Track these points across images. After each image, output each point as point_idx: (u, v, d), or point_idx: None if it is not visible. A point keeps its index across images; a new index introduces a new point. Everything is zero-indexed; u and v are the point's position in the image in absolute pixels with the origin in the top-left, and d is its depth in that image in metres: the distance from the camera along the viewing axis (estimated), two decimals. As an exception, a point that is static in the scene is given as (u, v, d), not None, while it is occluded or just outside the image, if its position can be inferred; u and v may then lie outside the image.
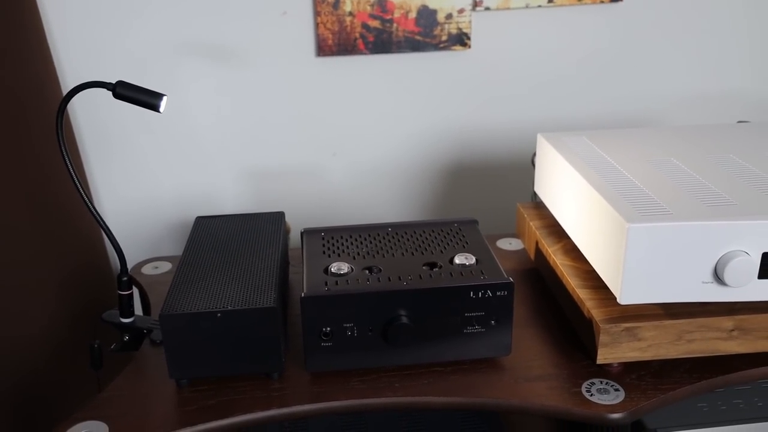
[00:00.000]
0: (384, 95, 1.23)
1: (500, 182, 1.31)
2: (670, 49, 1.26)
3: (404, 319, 0.77)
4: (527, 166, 1.29)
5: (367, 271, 0.81)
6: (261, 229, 0.95)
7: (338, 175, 1.28)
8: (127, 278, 0.88)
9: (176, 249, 1.25)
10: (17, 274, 0.97)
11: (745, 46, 1.27)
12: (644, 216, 0.73)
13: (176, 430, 0.72)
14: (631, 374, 0.79)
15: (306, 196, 1.28)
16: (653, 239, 0.72)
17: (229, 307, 0.76)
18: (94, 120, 1.17)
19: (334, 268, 0.82)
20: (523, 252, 1.08)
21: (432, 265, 0.82)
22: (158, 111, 0.81)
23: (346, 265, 0.82)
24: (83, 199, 0.83)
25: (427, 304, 0.78)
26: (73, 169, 0.82)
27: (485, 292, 0.78)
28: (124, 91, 0.80)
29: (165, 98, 0.81)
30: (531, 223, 1.00)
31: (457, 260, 0.83)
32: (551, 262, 0.91)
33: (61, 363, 1.04)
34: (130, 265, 1.05)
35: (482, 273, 0.80)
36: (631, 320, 0.76)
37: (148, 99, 0.80)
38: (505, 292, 0.78)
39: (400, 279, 0.79)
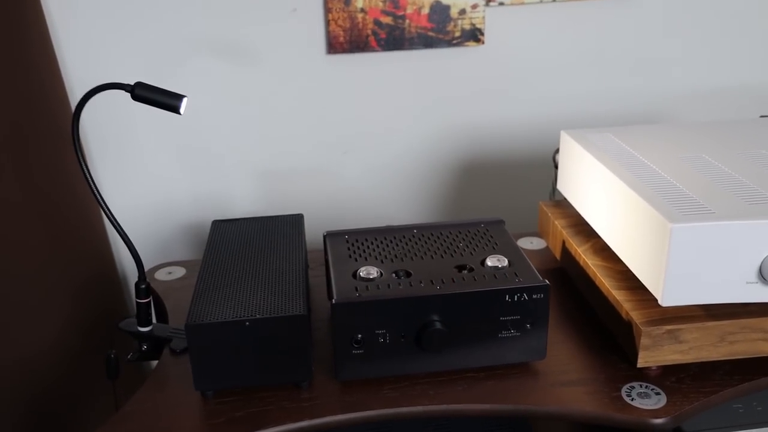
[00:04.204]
0: (396, 92, 1.20)
1: (516, 180, 1.28)
2: (683, 44, 1.24)
3: (438, 325, 0.75)
4: (544, 163, 1.27)
5: (396, 275, 0.79)
6: (281, 232, 0.92)
7: (350, 174, 1.25)
8: (146, 286, 0.85)
9: (188, 253, 1.22)
10: (25, 286, 0.94)
11: (759, 39, 1.26)
12: (687, 216, 0.70)
13: (206, 445, 0.69)
14: (670, 377, 0.77)
15: (317, 195, 1.25)
16: (697, 239, 0.70)
17: (258, 316, 0.73)
18: (99, 122, 1.14)
19: (363, 272, 0.79)
20: (546, 251, 1.06)
21: (463, 268, 0.80)
22: (178, 113, 0.78)
23: (375, 269, 0.79)
24: (101, 205, 0.80)
25: (461, 308, 0.75)
26: (89, 174, 0.79)
27: (521, 295, 0.75)
28: (144, 93, 0.77)
29: (185, 99, 0.78)
30: (556, 222, 0.98)
31: (489, 262, 0.80)
32: (581, 263, 0.89)
33: (74, 376, 1.01)
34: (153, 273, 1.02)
35: (516, 275, 0.78)
36: (673, 322, 0.74)
37: (168, 100, 0.77)
38: (542, 295, 0.76)
39: (432, 283, 0.77)
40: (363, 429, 0.94)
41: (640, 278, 0.76)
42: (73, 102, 1.11)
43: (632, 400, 0.74)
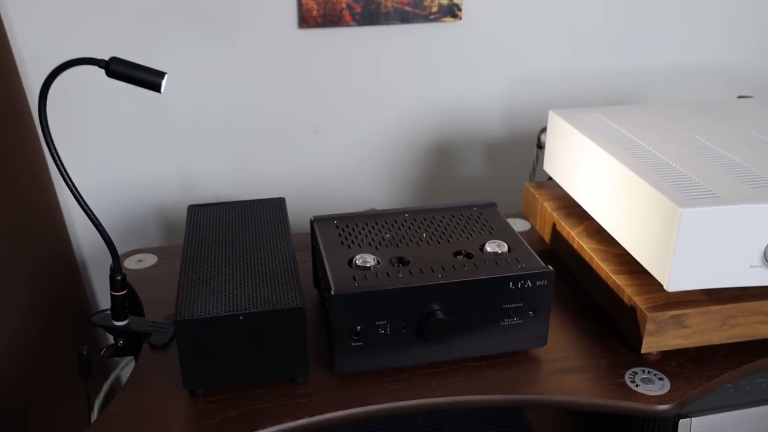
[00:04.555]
0: (371, 69, 1.16)
1: (494, 159, 1.26)
2: (658, 23, 1.23)
3: (440, 314, 0.72)
4: (522, 143, 1.25)
5: (394, 263, 0.75)
6: (263, 218, 0.88)
7: (322, 154, 1.20)
8: (122, 277, 0.79)
9: (158, 239, 1.16)
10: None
11: (732, 19, 1.26)
12: (695, 200, 0.69)
13: (202, 449, 0.65)
14: (671, 362, 0.76)
15: (288, 176, 1.20)
16: (705, 224, 0.69)
17: (252, 309, 0.68)
18: (54, 97, 1.05)
19: (359, 260, 0.75)
20: (532, 233, 1.04)
21: (462, 254, 0.77)
22: (159, 91, 0.72)
23: (371, 257, 0.76)
24: (73, 191, 0.74)
25: (463, 297, 0.72)
26: (57, 155, 0.72)
27: (525, 282, 0.73)
28: (120, 69, 0.70)
29: (166, 76, 0.72)
30: (545, 204, 0.96)
31: (489, 248, 0.78)
32: (575, 246, 0.87)
33: (38, 370, 0.94)
34: (103, 261, 0.96)
35: (518, 261, 0.75)
36: (677, 307, 0.73)
37: (147, 77, 0.71)
38: (545, 282, 0.74)
39: (433, 271, 0.73)
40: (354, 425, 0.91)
41: (642, 263, 0.75)
42: (24, 76, 1.02)
43: (636, 386, 0.73)
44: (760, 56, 1.30)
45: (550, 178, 1.06)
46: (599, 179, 0.83)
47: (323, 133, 1.19)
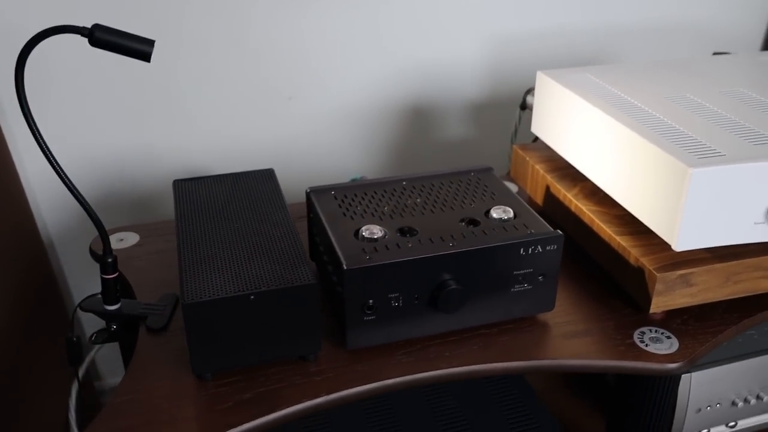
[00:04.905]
0: (344, 30, 1.12)
1: (472, 122, 1.25)
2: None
3: (453, 283, 0.70)
4: (499, 103, 1.24)
5: (402, 234, 0.74)
6: (254, 191, 0.84)
7: (295, 121, 1.16)
8: (113, 259, 0.75)
9: (136, 216, 1.11)
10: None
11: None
12: (702, 159, 0.69)
13: (222, 435, 0.63)
14: (675, 320, 0.77)
15: (262, 145, 1.16)
16: (713, 183, 0.69)
17: (263, 288, 0.66)
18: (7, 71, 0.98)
19: (365, 232, 0.73)
20: (521, 194, 1.03)
21: (468, 222, 0.76)
22: (148, 60, 0.67)
23: (378, 228, 0.74)
24: (56, 169, 0.69)
25: (475, 265, 0.71)
26: (38, 131, 0.67)
27: (535, 247, 0.72)
28: (105, 36, 0.65)
29: (153, 44, 0.67)
30: (537, 167, 0.95)
31: (494, 214, 0.77)
32: (573, 209, 0.87)
33: (15, 361, 0.89)
34: (87, 240, 0.91)
35: (526, 227, 0.75)
36: (684, 266, 0.74)
37: (135, 45, 0.66)
38: (555, 246, 0.73)
39: (443, 240, 0.72)
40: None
41: (647, 224, 0.75)
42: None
43: (646, 346, 0.74)
44: (727, 11, 1.31)
45: (535, 140, 1.06)
46: (597, 140, 0.82)
47: (296, 99, 1.15)
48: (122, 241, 0.93)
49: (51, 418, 1.01)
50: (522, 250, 0.72)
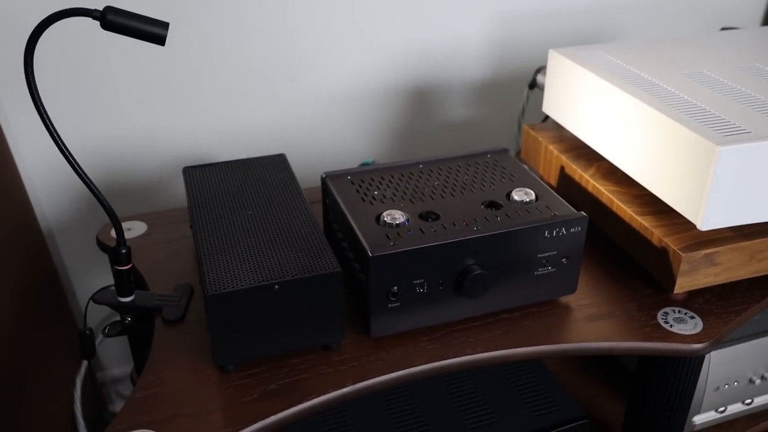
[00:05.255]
0: (345, 9, 1.09)
1: (478, 102, 1.23)
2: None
3: (477, 268, 0.69)
4: (504, 83, 1.22)
5: (424, 218, 0.72)
6: (268, 177, 0.82)
7: (297, 104, 1.14)
8: (127, 250, 0.73)
9: (140, 205, 1.08)
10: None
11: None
12: (729, 137, 0.68)
13: (251, 426, 0.61)
14: (697, 299, 0.77)
15: (262, 128, 1.14)
16: (740, 161, 0.68)
17: (288, 277, 0.64)
18: (9, 55, 0.95)
19: (387, 217, 0.71)
20: (532, 177, 1.02)
21: (490, 205, 0.75)
22: (162, 43, 0.64)
23: (400, 213, 0.72)
24: (68, 158, 0.66)
25: (499, 249, 0.70)
26: (46, 116, 0.65)
27: (560, 230, 0.71)
28: (118, 19, 0.63)
29: (168, 27, 0.64)
30: (550, 147, 0.94)
31: (516, 196, 0.75)
32: (591, 189, 0.86)
33: (12, 355, 0.87)
34: (87, 231, 0.89)
35: (549, 209, 0.74)
36: (709, 245, 0.73)
37: (149, 28, 0.63)
38: (579, 228, 0.72)
39: (467, 225, 0.71)
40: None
41: (670, 203, 0.74)
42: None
43: (671, 327, 0.73)
44: (731, -13, 1.30)
45: (545, 119, 1.04)
46: (615, 119, 0.81)
47: (297, 81, 1.13)
48: (130, 230, 0.90)
49: (56, 409, 1.00)
50: (546, 232, 0.71)
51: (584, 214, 0.72)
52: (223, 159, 1.11)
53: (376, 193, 0.77)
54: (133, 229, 0.91)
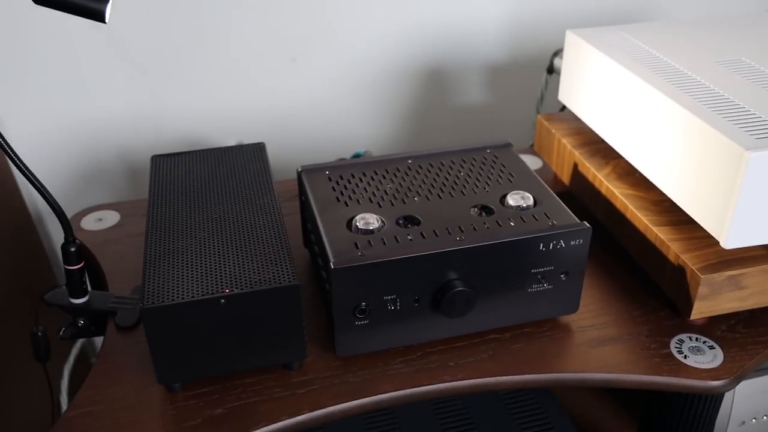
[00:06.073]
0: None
1: (493, 87, 1.12)
2: None
3: (460, 285, 0.60)
4: (524, 66, 1.11)
5: (402, 224, 0.64)
6: (241, 169, 0.74)
7: (298, 86, 1.06)
8: (76, 248, 0.66)
9: (118, 193, 1.02)
10: None
11: None
12: (761, 141, 0.58)
13: (185, 460, 0.54)
14: (720, 325, 0.67)
15: (260, 111, 1.06)
16: (774, 169, 0.57)
17: (236, 290, 0.56)
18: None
19: (359, 222, 0.63)
20: (545, 172, 0.92)
21: (482, 210, 0.65)
22: (102, 20, 0.57)
23: (374, 217, 0.64)
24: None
25: (486, 262, 0.61)
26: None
27: (557, 242, 0.62)
28: (49, -7, 0.55)
29: (110, 2, 0.57)
30: (564, 141, 0.84)
31: (511, 201, 0.66)
32: (604, 191, 0.76)
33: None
34: (84, 212, 0.83)
35: (547, 217, 0.64)
36: (733, 266, 0.62)
37: (86, 3, 0.56)
38: (580, 241, 0.63)
39: (449, 233, 0.62)
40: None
41: (692, 215, 0.64)
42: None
43: (685, 357, 0.63)
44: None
45: (563, 108, 0.94)
46: (634, 113, 0.71)
47: (300, 61, 1.04)
48: (101, 221, 0.84)
49: (39, 399, 0.95)
50: (542, 245, 0.62)
51: (587, 224, 0.62)
52: (218, 144, 1.04)
53: (354, 191, 0.68)
54: (105, 219, 0.84)
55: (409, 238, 0.61)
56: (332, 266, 0.58)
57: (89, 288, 0.70)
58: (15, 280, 0.93)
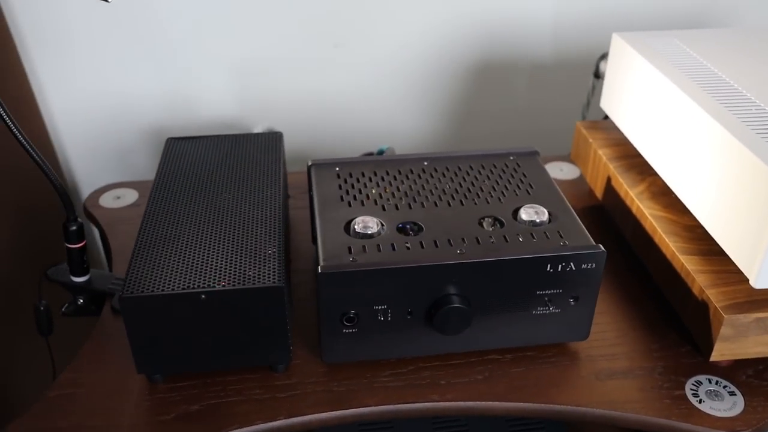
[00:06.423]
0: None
1: (540, 87, 1.07)
2: None
3: (456, 301, 0.57)
4: (576, 67, 1.05)
5: (402, 231, 0.60)
6: (254, 158, 0.72)
7: (340, 72, 1.03)
8: (77, 227, 0.66)
9: (143, 170, 1.02)
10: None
11: None
12: (806, 171, 0.51)
13: (148, 457, 0.53)
14: (746, 369, 0.61)
15: (299, 97, 1.04)
16: (817, 205, 0.51)
17: (217, 287, 0.54)
18: (35, 8, 0.90)
19: (358, 225, 0.60)
20: (580, 182, 0.87)
21: (491, 222, 0.61)
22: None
23: (375, 220, 0.60)
24: (6, 119, 0.59)
25: (486, 280, 0.57)
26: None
27: (567, 265, 0.57)
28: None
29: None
30: (600, 152, 0.78)
31: (524, 215, 0.61)
32: (635, 210, 0.70)
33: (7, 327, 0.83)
34: (87, 191, 0.83)
35: (560, 236, 0.59)
36: (764, 307, 0.56)
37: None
38: (593, 265, 0.58)
39: (450, 244, 0.58)
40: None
41: (722, 245, 0.58)
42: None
43: (700, 402, 0.58)
44: None
45: (607, 117, 0.88)
46: (673, 128, 0.65)
47: (343, 47, 1.01)
48: (119, 199, 0.84)
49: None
50: (549, 266, 0.57)
51: (602, 248, 0.57)
52: (249, 130, 1.03)
53: (361, 191, 0.65)
54: (123, 197, 0.84)
55: (407, 246, 0.58)
56: (320, 270, 0.55)
57: (90, 267, 0.69)
58: (51, 241, 0.94)
